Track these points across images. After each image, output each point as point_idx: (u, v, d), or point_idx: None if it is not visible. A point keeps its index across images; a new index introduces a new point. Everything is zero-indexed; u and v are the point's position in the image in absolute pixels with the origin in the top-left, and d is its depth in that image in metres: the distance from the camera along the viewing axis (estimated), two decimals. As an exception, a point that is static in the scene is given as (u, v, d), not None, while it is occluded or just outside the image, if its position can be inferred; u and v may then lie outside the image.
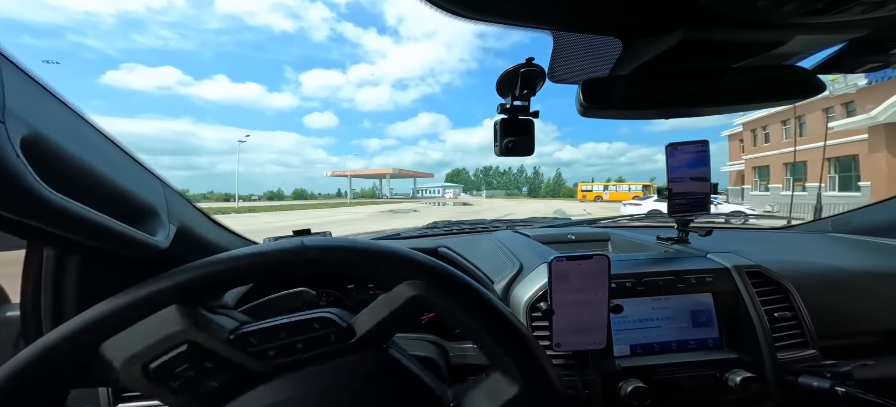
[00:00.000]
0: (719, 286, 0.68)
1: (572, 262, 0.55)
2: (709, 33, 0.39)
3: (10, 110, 0.29)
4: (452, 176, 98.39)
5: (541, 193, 71.48)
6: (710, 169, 0.76)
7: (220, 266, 0.33)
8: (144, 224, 0.45)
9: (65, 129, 0.37)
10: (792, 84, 0.47)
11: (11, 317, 0.54)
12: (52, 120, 0.35)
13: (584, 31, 0.43)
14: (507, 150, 0.58)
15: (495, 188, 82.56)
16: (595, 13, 0.38)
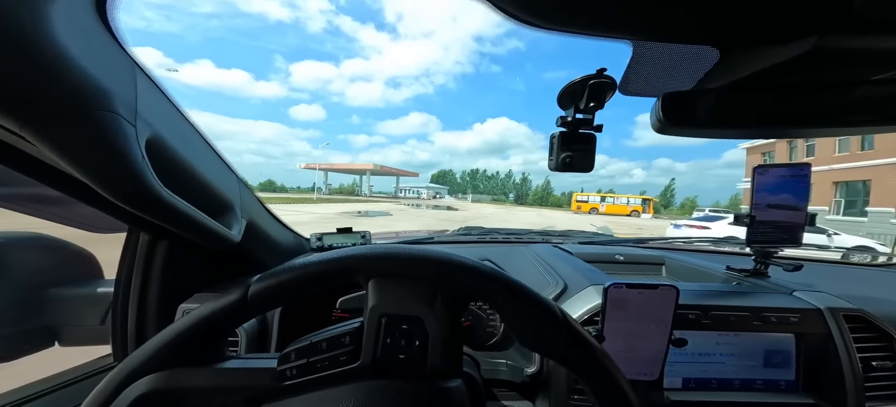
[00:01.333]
0: (806, 328, 0.64)
1: (632, 290, 0.53)
2: (850, 40, 0.35)
3: (140, 114, 0.36)
4: (438, 177, 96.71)
5: (528, 201, 69.75)
6: (808, 197, 0.69)
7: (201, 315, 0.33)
8: (223, 218, 0.52)
9: (173, 129, 0.43)
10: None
11: (101, 292, 0.61)
12: (166, 121, 0.42)
13: (679, 41, 0.40)
14: (564, 165, 0.57)
15: (482, 192, 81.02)
16: (703, 21, 0.36)
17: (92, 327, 0.59)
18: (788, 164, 0.69)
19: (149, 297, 0.57)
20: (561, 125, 0.57)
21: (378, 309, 0.33)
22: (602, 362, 0.34)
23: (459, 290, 0.34)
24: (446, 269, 0.33)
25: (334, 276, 0.33)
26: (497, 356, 0.76)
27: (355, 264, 0.33)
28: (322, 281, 0.33)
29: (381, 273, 0.33)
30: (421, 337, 0.33)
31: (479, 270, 0.34)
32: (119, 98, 0.34)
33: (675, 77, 0.47)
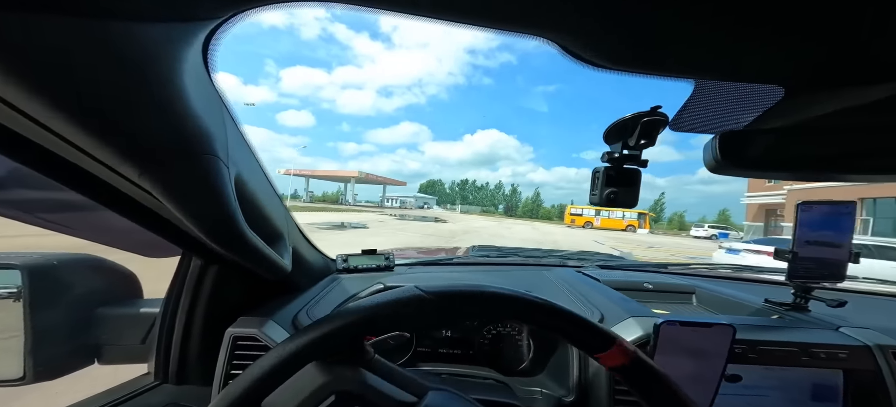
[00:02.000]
0: (855, 364, 0.65)
1: (686, 328, 0.54)
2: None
3: (231, 155, 0.38)
4: (427, 187, 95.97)
5: (518, 213, 70.03)
6: (852, 234, 0.72)
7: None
8: (277, 247, 0.54)
9: (247, 165, 0.45)
10: None
11: (143, 313, 0.62)
12: (244, 157, 0.44)
13: (747, 81, 0.41)
14: (608, 201, 0.58)
15: (471, 203, 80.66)
16: (769, 62, 0.37)
17: (132, 346, 0.60)
18: (833, 202, 0.72)
19: (195, 318, 0.59)
20: (607, 160, 0.58)
21: None
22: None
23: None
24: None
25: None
26: (530, 384, 0.77)
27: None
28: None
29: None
30: None
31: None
32: (217, 139, 0.36)
33: (733, 115, 0.48)
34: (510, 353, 0.86)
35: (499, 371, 0.82)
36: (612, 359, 0.37)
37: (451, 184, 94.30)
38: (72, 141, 0.29)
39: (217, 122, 0.37)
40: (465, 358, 0.88)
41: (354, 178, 43.00)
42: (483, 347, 0.87)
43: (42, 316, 0.52)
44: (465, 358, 0.88)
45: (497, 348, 0.87)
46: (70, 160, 0.33)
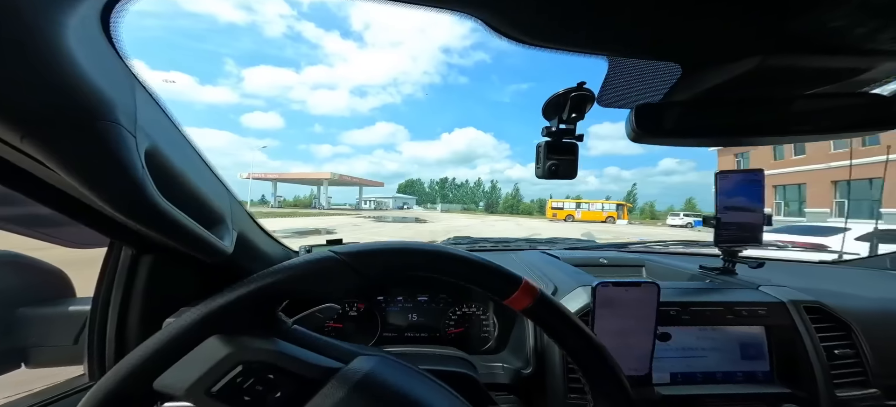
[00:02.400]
0: (773, 320, 0.72)
1: (619, 288, 0.60)
2: (786, 59, 0.43)
3: (140, 125, 0.38)
4: (406, 186, 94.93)
5: (499, 209, 70.82)
6: (764, 198, 0.81)
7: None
8: (216, 230, 0.54)
9: (169, 141, 0.45)
10: (869, 112, 0.51)
11: (73, 311, 0.61)
12: (163, 132, 0.44)
13: (647, 57, 0.47)
14: (550, 173, 0.64)
15: (452, 202, 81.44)
16: (663, 39, 0.43)
17: (63, 347, 0.58)
18: (746, 171, 0.81)
19: (130, 313, 0.57)
20: (546, 135, 0.64)
21: None
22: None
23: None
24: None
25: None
26: (493, 360, 0.82)
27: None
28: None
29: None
30: None
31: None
32: (120, 108, 0.35)
33: (646, 90, 0.55)
34: (476, 332, 0.91)
35: (466, 351, 0.85)
36: (520, 301, 0.39)
37: (430, 183, 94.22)
38: None
39: (122, 93, 0.36)
40: (432, 340, 0.92)
41: (327, 180, 41.94)
42: (449, 328, 0.91)
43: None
44: (432, 340, 0.92)
45: (463, 329, 0.92)
46: None
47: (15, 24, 0.26)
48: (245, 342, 0.34)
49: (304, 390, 0.34)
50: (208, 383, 0.31)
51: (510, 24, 0.39)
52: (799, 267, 1.19)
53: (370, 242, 0.39)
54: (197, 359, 0.32)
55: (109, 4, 0.33)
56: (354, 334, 0.92)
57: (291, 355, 0.35)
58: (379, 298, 0.94)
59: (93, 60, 0.32)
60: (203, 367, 0.32)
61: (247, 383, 0.32)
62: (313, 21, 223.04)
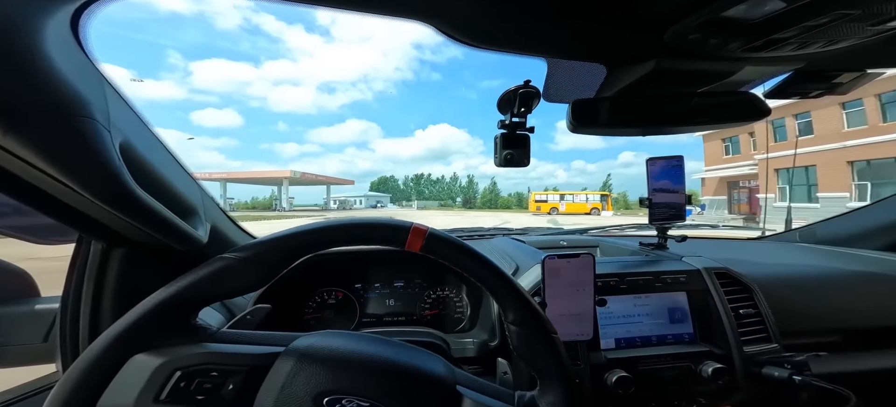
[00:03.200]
0: (692, 285, 0.87)
1: (563, 260, 0.71)
2: (675, 63, 0.55)
3: (113, 121, 0.43)
4: (379, 184, 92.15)
5: (477, 204, 71.73)
6: (685, 181, 0.96)
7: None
8: (190, 220, 0.59)
9: (140, 137, 0.50)
10: (744, 108, 0.65)
11: (41, 309, 0.64)
12: (134, 128, 0.49)
13: (572, 58, 0.58)
14: (506, 161, 0.74)
15: (428, 198, 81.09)
16: (582, 43, 0.53)
17: (33, 346, 0.61)
18: (670, 157, 0.96)
19: (102, 308, 0.60)
20: (501, 128, 0.74)
21: None
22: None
23: None
24: None
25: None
26: (465, 337, 0.94)
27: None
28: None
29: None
30: None
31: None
32: (94, 105, 0.40)
33: (581, 87, 0.67)
34: (450, 313, 1.03)
35: (441, 331, 0.97)
36: (415, 242, 0.42)
37: (404, 180, 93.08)
38: None
39: (94, 92, 0.40)
40: (410, 323, 1.02)
41: (287, 179, 40.12)
42: (425, 311, 1.02)
43: None
44: (409, 323, 1.02)
45: (438, 311, 1.03)
46: None
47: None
48: (173, 352, 0.38)
49: (254, 377, 0.38)
50: (153, 393, 0.35)
51: (459, 29, 0.46)
52: (722, 243, 1.39)
53: (265, 235, 0.42)
54: (130, 377, 0.35)
55: (78, 10, 0.38)
56: (333, 322, 0.99)
57: (226, 352, 0.40)
58: (357, 285, 1.02)
59: (66, 62, 0.37)
60: (140, 381, 0.35)
61: (192, 385, 0.36)
62: (273, 14, 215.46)
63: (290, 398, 0.36)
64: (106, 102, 0.43)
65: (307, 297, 1.00)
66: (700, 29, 0.45)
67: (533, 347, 0.45)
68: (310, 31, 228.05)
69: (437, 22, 0.44)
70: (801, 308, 0.92)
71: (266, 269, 0.41)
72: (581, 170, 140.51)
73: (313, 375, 0.38)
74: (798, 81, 0.63)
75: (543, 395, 0.45)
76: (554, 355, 0.44)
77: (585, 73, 0.62)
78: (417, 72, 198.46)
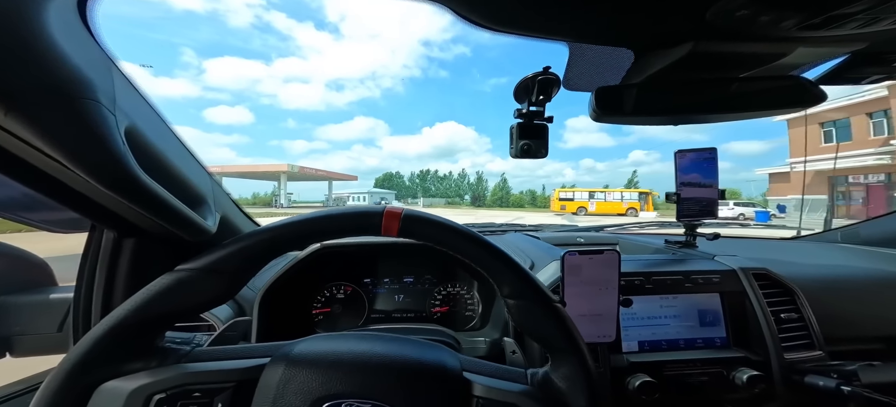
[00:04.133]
0: (726, 287, 0.84)
1: (584, 256, 0.69)
2: (715, 45, 0.52)
3: (119, 105, 0.43)
4: (383, 180, 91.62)
5: (487, 202, 70.70)
6: (717, 176, 0.94)
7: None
8: (199, 210, 0.60)
9: (148, 122, 0.51)
10: (795, 94, 0.61)
11: (56, 298, 0.67)
12: (141, 113, 0.50)
13: (598, 42, 0.56)
14: (523, 152, 0.73)
15: (434, 195, 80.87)
16: (609, 26, 0.51)
17: (48, 335, 0.64)
18: (702, 149, 0.93)
19: (114, 298, 0.62)
20: (518, 117, 0.73)
21: None
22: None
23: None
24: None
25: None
26: (476, 335, 0.94)
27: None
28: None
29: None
30: None
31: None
32: (99, 88, 0.40)
33: (605, 74, 0.65)
34: (461, 311, 1.04)
35: (452, 328, 0.97)
36: (391, 226, 0.42)
37: (410, 176, 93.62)
38: None
39: (101, 74, 0.41)
40: (419, 320, 1.03)
41: (285, 174, 39.68)
42: (435, 308, 1.03)
43: None
44: (418, 320, 1.03)
45: (449, 308, 1.04)
46: None
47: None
48: (146, 376, 0.38)
49: (243, 392, 0.38)
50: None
51: (478, 12, 0.46)
52: (756, 242, 1.36)
53: (222, 245, 0.41)
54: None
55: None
56: (342, 317, 1.01)
57: (206, 371, 0.39)
58: (366, 280, 1.04)
59: (72, 44, 0.37)
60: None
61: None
62: (284, 11, 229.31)
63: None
64: (113, 86, 0.43)
65: (315, 291, 1.02)
66: (750, 5, 0.42)
67: (536, 319, 0.44)
68: (319, 28, 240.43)
69: (454, 4, 0.44)
70: (844, 313, 0.90)
71: (230, 278, 0.40)
72: (590, 168, 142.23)
73: (306, 381, 0.38)
74: (855, 65, 0.59)
75: (557, 368, 0.44)
76: (560, 325, 0.43)
77: (611, 59, 0.62)
78: (425, 69, 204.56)
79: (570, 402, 0.43)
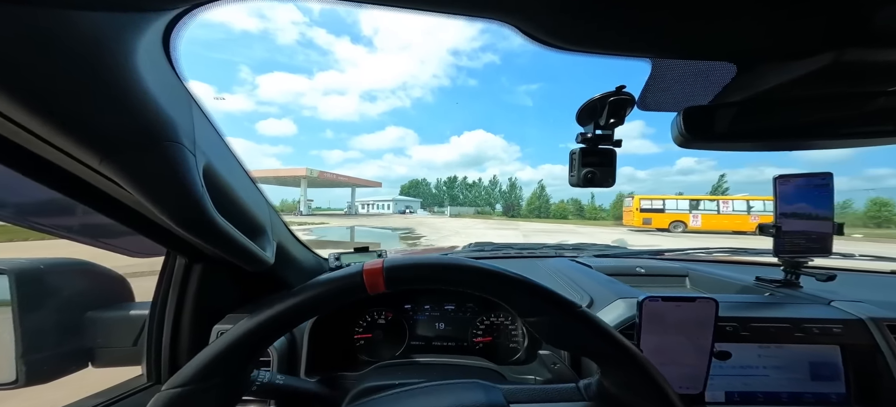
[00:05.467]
0: (850, 339, 0.76)
1: (669, 303, 0.65)
2: (871, 54, 0.46)
3: (198, 144, 0.46)
4: (409, 188, 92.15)
5: (523, 212, 67.14)
6: (832, 206, 0.84)
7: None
8: (259, 240, 0.64)
9: (220, 157, 0.55)
10: None
11: (133, 315, 0.75)
12: (215, 149, 0.54)
13: (697, 57, 0.52)
14: (586, 181, 0.70)
15: (462, 204, 79.74)
16: (715, 39, 0.47)
17: (124, 349, 0.71)
18: (813, 175, 0.84)
19: (183, 318, 0.70)
20: (581, 141, 0.70)
21: None
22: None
23: None
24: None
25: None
26: (524, 372, 0.91)
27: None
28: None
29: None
30: None
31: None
32: (182, 129, 0.43)
33: (694, 92, 0.60)
34: (504, 342, 1.03)
35: (494, 362, 0.97)
36: (376, 284, 0.42)
37: (437, 183, 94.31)
38: (31, 130, 0.35)
39: (183, 113, 0.44)
40: (460, 349, 1.03)
41: (304, 178, 37.07)
42: (476, 337, 1.03)
43: (31, 320, 0.63)
44: (459, 350, 1.03)
45: (492, 339, 1.03)
46: (39, 154, 0.40)
47: (89, 54, 0.32)
48: None
49: None
50: None
51: (546, 30, 0.44)
52: (876, 278, 1.20)
53: (258, 313, 0.43)
54: None
55: (169, 27, 0.40)
56: (382, 343, 1.04)
57: None
58: (406, 306, 1.06)
59: (157, 83, 0.39)
60: None
61: None
62: (324, 27, 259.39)
63: None
64: (192, 124, 0.47)
65: (358, 316, 1.06)
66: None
67: (562, 333, 0.43)
68: (355, 42, 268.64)
69: (520, 23, 0.43)
70: None
71: (218, 390, 0.41)
72: (630, 177, 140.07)
73: None
74: None
75: (607, 375, 0.44)
76: (592, 331, 0.42)
77: (704, 74, 0.57)
78: (453, 78, 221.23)
79: (639, 405, 0.42)
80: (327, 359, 0.92)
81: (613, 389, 0.43)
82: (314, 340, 0.86)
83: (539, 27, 0.44)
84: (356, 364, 0.98)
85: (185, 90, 0.46)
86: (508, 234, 19.09)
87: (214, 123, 0.55)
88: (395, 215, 51.66)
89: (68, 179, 0.45)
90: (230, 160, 0.59)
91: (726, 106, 0.60)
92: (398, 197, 70.31)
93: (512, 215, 65.44)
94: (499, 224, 34.60)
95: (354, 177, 51.38)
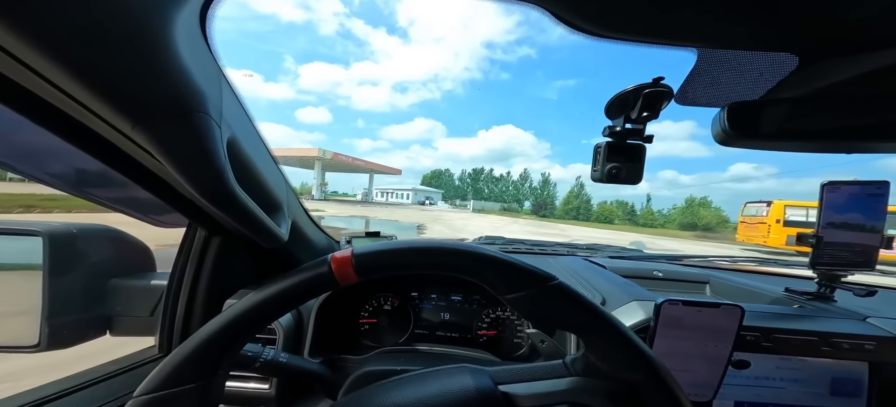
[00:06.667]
0: (882, 356, 0.75)
1: (689, 307, 0.65)
2: None
3: (224, 116, 0.50)
4: (432, 178, 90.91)
5: (556, 212, 64.47)
6: (884, 218, 0.81)
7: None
8: (275, 217, 0.68)
9: (244, 131, 0.59)
10: None
11: (154, 285, 0.82)
12: (240, 123, 0.57)
13: (757, 48, 0.50)
14: (610, 176, 0.70)
15: (487, 198, 79.53)
16: (781, 29, 0.45)
17: (141, 318, 0.77)
18: (863, 182, 0.81)
19: (198, 291, 0.74)
20: (608, 135, 0.70)
21: None
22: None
23: None
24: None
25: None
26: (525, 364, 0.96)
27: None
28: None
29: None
30: None
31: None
32: (210, 100, 0.46)
33: (742, 86, 0.59)
34: (508, 337, 1.07)
35: (497, 356, 1.01)
36: (347, 275, 0.45)
37: (460, 175, 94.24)
38: (69, 93, 0.38)
39: (212, 85, 0.47)
40: (463, 341, 1.08)
41: (317, 159, 37.10)
42: (481, 330, 1.08)
43: (60, 283, 0.68)
44: (462, 341, 1.08)
45: (496, 333, 1.08)
46: (73, 116, 0.44)
47: (132, 20, 0.35)
48: None
49: None
50: None
51: (581, 14, 0.43)
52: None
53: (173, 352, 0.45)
54: None
55: (206, 3, 0.43)
56: (386, 329, 1.10)
57: None
58: (412, 294, 1.12)
59: (192, 55, 0.42)
60: None
61: None
62: (362, 18, 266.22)
63: None
64: (221, 97, 0.50)
65: (364, 300, 1.12)
66: None
67: (542, 308, 0.44)
68: (391, 33, 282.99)
69: (552, 6, 0.43)
70: None
71: (196, 392, 0.43)
72: (671, 181, 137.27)
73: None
74: None
75: (591, 348, 0.45)
76: (570, 303, 0.43)
77: (754, 66, 0.56)
78: (486, 72, 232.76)
79: (625, 376, 0.44)
80: (332, 341, 0.98)
81: (598, 362, 0.45)
82: (320, 321, 0.93)
83: (575, 12, 0.43)
84: (359, 348, 1.05)
85: (216, 65, 0.50)
86: (544, 229, 17.94)
87: (241, 99, 0.59)
88: (413, 206, 50.92)
89: (103, 146, 0.49)
90: (253, 136, 0.63)
91: (778, 102, 0.59)
92: (418, 187, 69.89)
93: (543, 215, 62.96)
94: (520, 222, 32.25)
95: (371, 162, 51.13)
